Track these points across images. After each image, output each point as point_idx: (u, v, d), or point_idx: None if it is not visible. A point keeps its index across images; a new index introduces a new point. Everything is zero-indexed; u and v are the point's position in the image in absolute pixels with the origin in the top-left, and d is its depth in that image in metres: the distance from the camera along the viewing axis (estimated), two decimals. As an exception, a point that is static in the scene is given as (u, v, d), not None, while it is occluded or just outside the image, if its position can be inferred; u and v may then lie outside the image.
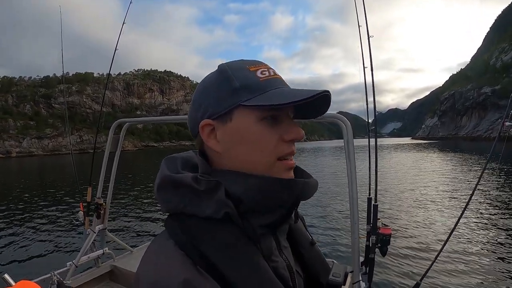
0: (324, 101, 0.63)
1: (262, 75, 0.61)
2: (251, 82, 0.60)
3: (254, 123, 0.59)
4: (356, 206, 1.86)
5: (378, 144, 3.01)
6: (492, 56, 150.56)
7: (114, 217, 10.48)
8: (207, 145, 0.63)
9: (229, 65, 0.64)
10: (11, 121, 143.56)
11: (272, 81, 0.61)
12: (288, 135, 0.61)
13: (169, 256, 0.53)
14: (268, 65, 0.65)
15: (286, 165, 0.62)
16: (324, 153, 51.70)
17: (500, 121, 2.74)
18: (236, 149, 0.61)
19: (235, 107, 0.59)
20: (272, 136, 0.60)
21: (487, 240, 7.13)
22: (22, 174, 35.16)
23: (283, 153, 0.61)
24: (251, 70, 0.62)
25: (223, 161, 0.62)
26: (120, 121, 2.88)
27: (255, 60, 0.66)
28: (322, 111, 0.68)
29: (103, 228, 3.02)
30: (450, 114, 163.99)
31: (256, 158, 0.60)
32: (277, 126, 0.61)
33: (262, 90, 0.59)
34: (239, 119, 0.60)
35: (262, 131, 0.59)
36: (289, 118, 0.63)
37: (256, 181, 0.58)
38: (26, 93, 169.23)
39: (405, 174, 19.62)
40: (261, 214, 0.59)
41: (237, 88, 0.60)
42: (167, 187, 0.61)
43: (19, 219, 10.85)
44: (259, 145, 0.59)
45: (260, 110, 0.59)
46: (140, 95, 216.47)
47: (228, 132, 0.61)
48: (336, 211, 10.31)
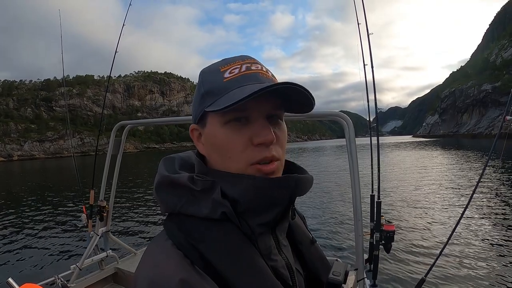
0: (301, 93, 0.57)
1: (229, 75, 0.58)
2: (214, 86, 0.58)
3: (219, 128, 0.58)
4: (359, 203, 1.86)
5: (379, 142, 3.01)
6: (492, 53, 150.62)
7: (117, 219, 10.47)
8: (197, 148, 0.65)
9: (204, 70, 0.63)
10: (12, 124, 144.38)
11: (239, 79, 0.57)
12: (255, 138, 0.57)
13: (167, 256, 0.53)
14: (249, 60, 0.62)
15: (260, 170, 0.57)
16: (326, 152, 51.62)
17: (500, 117, 2.73)
18: (212, 154, 0.61)
19: (203, 113, 0.60)
20: (237, 140, 0.57)
21: (490, 235, 7.12)
22: (24, 177, 35.20)
23: (255, 159, 0.57)
24: (221, 71, 0.60)
25: (211, 163, 0.63)
26: (121, 123, 2.87)
27: (239, 56, 0.63)
28: (308, 105, 0.61)
29: (106, 231, 3.01)
30: (451, 111, 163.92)
31: (227, 164, 0.59)
32: (246, 129, 0.57)
33: (224, 92, 0.57)
34: (208, 125, 0.60)
35: (227, 135, 0.57)
36: (263, 119, 0.58)
37: (250, 181, 0.56)
38: (27, 97, 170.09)
39: (407, 171, 19.61)
40: (258, 213, 0.58)
41: (203, 94, 0.59)
42: (165, 187, 0.61)
43: (22, 223, 10.85)
44: (226, 151, 0.58)
45: (221, 114, 0.56)
46: (140, 97, 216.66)
47: (205, 138, 0.62)
48: (340, 209, 10.31)
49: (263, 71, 0.60)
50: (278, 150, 0.59)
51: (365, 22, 3.15)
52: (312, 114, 2.09)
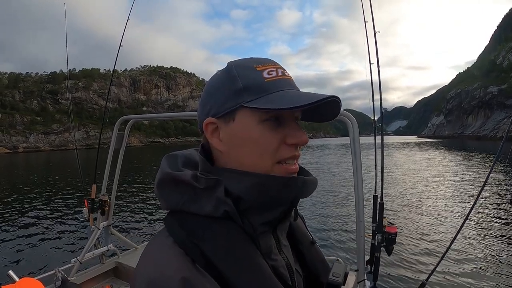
0: (333, 105, 0.60)
1: (268, 76, 0.59)
2: (255, 83, 0.59)
3: (255, 125, 0.58)
4: (361, 204, 1.84)
5: (384, 142, 2.98)
6: (499, 55, 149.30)
7: (119, 213, 10.55)
8: (211, 143, 0.63)
9: (236, 64, 0.62)
10: (18, 116, 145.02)
11: (278, 82, 0.59)
12: (290, 139, 0.59)
13: (168, 254, 0.53)
14: (278, 65, 0.63)
15: (286, 170, 0.60)
16: (330, 151, 51.61)
17: (506, 120, 2.69)
18: (237, 150, 0.60)
19: (237, 107, 0.59)
20: (273, 138, 0.58)
21: (494, 240, 7.08)
22: (28, 169, 35.45)
23: (284, 157, 0.59)
24: (257, 70, 0.60)
25: (225, 160, 0.62)
26: (125, 117, 2.87)
27: (266, 58, 0.64)
28: (332, 116, 0.65)
29: (108, 225, 3.02)
30: (456, 113, 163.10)
31: (255, 161, 0.59)
32: (280, 128, 0.59)
33: (266, 91, 0.58)
34: (241, 120, 0.59)
35: (263, 133, 0.58)
36: (294, 121, 0.61)
37: (256, 179, 0.57)
38: (33, 89, 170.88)
39: (412, 172, 19.53)
40: (260, 212, 0.59)
41: (241, 89, 0.59)
42: (167, 184, 0.61)
43: (23, 216, 10.93)
44: (259, 147, 0.58)
45: (262, 112, 0.57)
46: (146, 91, 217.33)
47: (230, 132, 0.60)
48: (342, 209, 10.30)
49: (291, 78, 0.63)
50: (300, 151, 0.63)
51: (372, 20, 3.12)
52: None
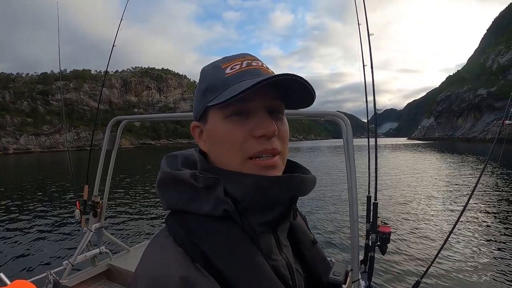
0: (302, 85, 0.57)
1: (230, 71, 0.59)
2: (216, 81, 0.59)
3: (221, 122, 0.58)
4: (355, 204, 1.84)
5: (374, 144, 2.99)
6: (488, 58, 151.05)
7: (111, 215, 10.44)
8: (198, 145, 0.66)
9: (205, 67, 0.64)
10: (8, 117, 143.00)
11: (239, 75, 0.58)
12: (256, 131, 0.57)
13: (168, 253, 0.53)
14: (249, 57, 0.62)
15: (259, 165, 0.57)
16: (322, 152, 51.74)
17: (495, 122, 2.73)
18: (213, 149, 0.61)
19: (205, 108, 0.60)
20: (238, 133, 0.57)
21: (486, 239, 7.18)
22: (19, 171, 35.03)
23: (254, 151, 0.57)
24: (222, 67, 0.61)
25: (211, 160, 0.63)
26: (117, 118, 2.84)
27: (239, 53, 0.64)
28: (310, 98, 0.61)
29: (100, 227, 2.99)
30: (446, 115, 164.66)
31: (226, 158, 0.59)
32: (247, 122, 0.57)
33: (225, 87, 0.57)
34: (210, 120, 0.60)
35: (228, 129, 0.57)
36: (264, 112, 0.58)
37: (251, 179, 0.56)
38: (24, 90, 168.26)
39: (404, 173, 19.70)
40: (259, 212, 0.59)
41: (205, 90, 0.61)
42: (167, 184, 0.61)
43: (15, 218, 10.77)
44: (225, 144, 0.58)
45: (223, 107, 0.57)
46: (137, 92, 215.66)
47: (206, 133, 0.62)
48: (336, 210, 10.34)
49: (263, 67, 0.61)
50: (279, 144, 0.59)
51: (366, 22, 3.14)
52: (310, 113, 2.07)
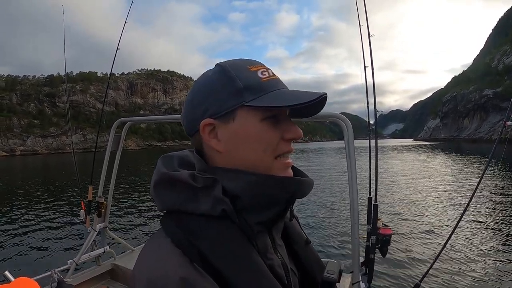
0: (320, 102, 0.63)
1: (263, 76, 0.62)
2: (253, 83, 0.61)
3: (257, 123, 0.60)
4: (356, 206, 1.85)
5: (380, 145, 3.00)
6: (494, 59, 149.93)
7: (115, 215, 10.51)
8: (208, 144, 0.63)
9: (231, 65, 0.63)
10: (15, 119, 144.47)
11: (272, 82, 0.62)
12: (288, 134, 0.63)
13: (166, 254, 0.53)
14: (265, 65, 0.65)
15: (285, 164, 0.63)
16: (326, 154, 51.57)
17: (501, 123, 2.73)
18: (238, 148, 0.61)
19: (238, 107, 0.60)
20: (274, 135, 0.61)
21: (487, 241, 7.12)
22: (25, 172, 35.30)
23: (282, 151, 0.62)
24: (252, 70, 0.62)
25: (223, 160, 0.62)
26: (121, 120, 2.87)
27: (251, 59, 0.66)
28: (317, 111, 0.69)
29: (104, 227, 3.02)
30: (452, 115, 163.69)
31: (258, 157, 0.61)
32: (278, 125, 0.62)
33: (264, 91, 0.60)
34: (243, 119, 0.60)
35: (265, 130, 0.60)
36: (287, 118, 0.65)
37: (252, 178, 0.58)
38: (31, 92, 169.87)
39: (407, 175, 19.59)
40: (257, 211, 0.59)
41: (241, 89, 0.60)
42: (164, 185, 0.61)
43: (21, 217, 10.89)
44: (262, 144, 0.60)
45: (263, 110, 0.60)
46: (143, 94, 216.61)
47: (230, 132, 0.61)
48: (336, 211, 10.32)
49: (279, 78, 0.66)
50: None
51: (366, 23, 3.13)
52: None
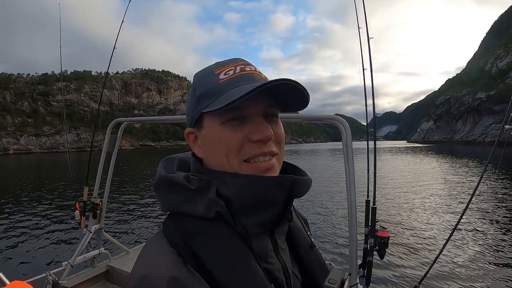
0: (298, 92, 0.59)
1: (224, 76, 0.60)
2: (210, 87, 0.60)
3: (217, 127, 0.59)
4: (354, 208, 1.84)
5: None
6: (487, 62, 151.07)
7: (111, 217, 10.41)
8: (194, 151, 0.66)
9: (198, 74, 0.65)
10: (9, 118, 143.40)
11: (233, 80, 0.59)
12: (253, 135, 0.58)
13: (161, 254, 0.54)
14: (242, 61, 0.63)
15: (255, 168, 0.59)
16: (320, 155, 51.67)
17: (494, 125, 2.74)
18: (209, 154, 0.62)
19: (200, 115, 0.61)
20: (234, 138, 0.58)
21: (485, 244, 7.14)
22: (19, 171, 34.97)
23: (251, 155, 0.59)
24: (215, 73, 0.61)
25: (207, 165, 0.64)
26: (117, 120, 2.85)
27: (233, 58, 0.64)
28: (302, 104, 0.63)
29: (99, 228, 3.00)
30: (446, 118, 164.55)
31: (223, 162, 0.60)
32: (243, 126, 0.59)
33: (220, 93, 0.58)
34: (206, 126, 0.61)
35: (224, 134, 0.58)
36: (260, 117, 0.60)
37: (244, 180, 0.58)
38: (25, 90, 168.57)
39: (403, 177, 19.63)
40: (253, 213, 0.59)
41: (199, 96, 0.61)
42: (163, 187, 0.62)
43: (14, 218, 10.74)
44: (223, 148, 0.59)
45: (219, 114, 0.57)
46: (138, 94, 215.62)
47: (202, 139, 0.63)
48: (334, 214, 10.30)
49: (256, 72, 0.62)
50: (275, 146, 0.61)
51: (366, 26, 3.13)
52: (310, 117, 2.08)
